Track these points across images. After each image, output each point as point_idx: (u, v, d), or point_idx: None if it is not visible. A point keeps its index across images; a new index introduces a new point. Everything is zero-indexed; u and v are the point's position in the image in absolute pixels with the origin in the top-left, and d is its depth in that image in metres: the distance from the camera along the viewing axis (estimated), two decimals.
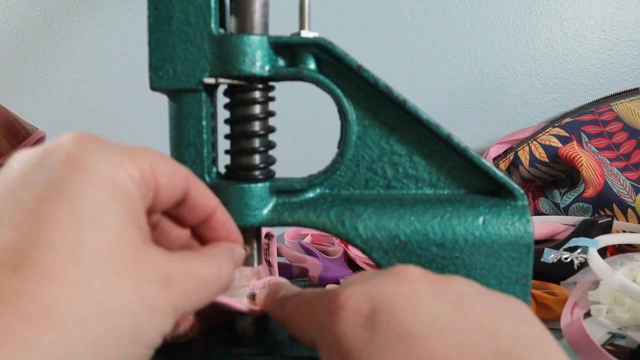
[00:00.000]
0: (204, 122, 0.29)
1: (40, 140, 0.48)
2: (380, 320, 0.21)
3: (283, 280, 0.35)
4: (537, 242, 0.54)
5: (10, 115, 0.46)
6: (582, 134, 0.67)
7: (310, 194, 0.31)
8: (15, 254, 0.17)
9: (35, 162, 0.20)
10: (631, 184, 0.63)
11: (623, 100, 0.68)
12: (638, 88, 0.68)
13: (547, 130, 0.69)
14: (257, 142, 0.30)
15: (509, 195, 0.31)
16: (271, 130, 0.31)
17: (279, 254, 0.59)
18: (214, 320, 0.33)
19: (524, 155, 0.69)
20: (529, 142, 0.69)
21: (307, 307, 0.25)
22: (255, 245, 0.32)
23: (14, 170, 0.20)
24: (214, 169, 0.31)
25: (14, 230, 0.18)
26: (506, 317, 0.21)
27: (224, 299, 0.30)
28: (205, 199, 0.26)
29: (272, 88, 0.31)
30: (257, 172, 0.30)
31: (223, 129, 0.31)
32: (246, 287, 0.32)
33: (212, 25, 0.28)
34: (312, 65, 0.30)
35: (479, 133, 0.79)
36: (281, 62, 0.30)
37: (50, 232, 0.18)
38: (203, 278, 0.23)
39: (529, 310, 0.22)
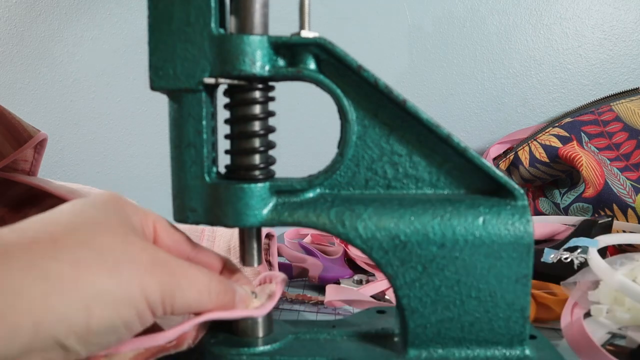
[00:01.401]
0: (204, 122, 0.29)
1: (42, 142, 0.48)
2: None
3: (281, 275, 0.35)
4: (537, 242, 0.54)
5: (11, 117, 0.45)
6: (582, 134, 0.67)
7: (310, 194, 0.31)
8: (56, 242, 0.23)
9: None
10: (631, 184, 0.63)
11: (623, 100, 0.68)
12: (638, 88, 0.68)
13: (547, 130, 0.69)
14: (257, 142, 0.30)
15: (509, 195, 0.31)
16: (271, 130, 0.31)
17: (279, 254, 0.59)
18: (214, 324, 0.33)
19: (524, 155, 0.69)
20: (529, 142, 0.69)
21: None
22: (255, 246, 0.32)
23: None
24: (214, 169, 0.31)
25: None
26: None
27: (223, 313, 0.30)
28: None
29: (272, 88, 0.31)
30: (257, 172, 0.30)
31: (223, 129, 0.31)
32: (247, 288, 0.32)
33: (212, 25, 0.28)
34: (312, 65, 0.30)
35: (479, 133, 0.79)
36: (281, 62, 0.30)
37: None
38: (195, 274, 0.27)
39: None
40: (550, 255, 0.43)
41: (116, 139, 0.82)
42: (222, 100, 0.31)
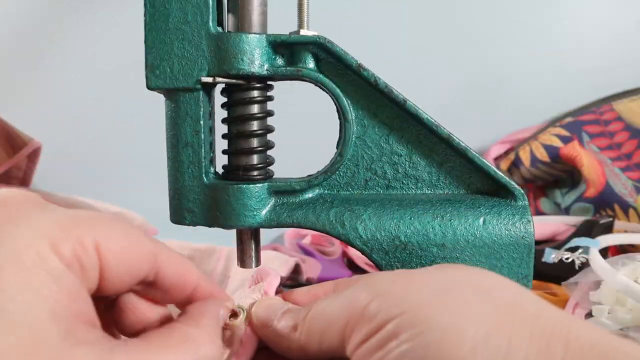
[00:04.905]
0: (201, 122, 0.29)
1: (36, 151, 0.48)
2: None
3: (273, 272, 0.34)
4: (538, 242, 0.54)
5: (5, 125, 0.45)
6: (584, 134, 0.67)
7: (310, 195, 0.31)
8: None
9: None
10: (633, 184, 0.62)
11: (624, 100, 0.68)
12: (639, 88, 0.68)
13: (548, 130, 0.68)
14: (255, 142, 0.30)
15: (509, 196, 0.30)
16: (270, 130, 0.31)
17: None
18: None
19: (525, 155, 0.69)
20: (530, 141, 0.69)
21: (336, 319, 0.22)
22: (253, 247, 0.32)
23: None
24: (212, 169, 0.31)
25: None
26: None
27: None
28: (183, 279, 0.22)
29: (270, 87, 0.31)
30: (255, 173, 0.30)
31: (221, 129, 0.31)
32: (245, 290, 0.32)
33: (210, 23, 0.28)
34: (311, 64, 0.30)
35: (479, 133, 0.79)
36: (280, 61, 0.30)
37: None
38: None
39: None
40: (552, 256, 0.43)
41: (116, 138, 0.82)
42: (219, 99, 0.31)
